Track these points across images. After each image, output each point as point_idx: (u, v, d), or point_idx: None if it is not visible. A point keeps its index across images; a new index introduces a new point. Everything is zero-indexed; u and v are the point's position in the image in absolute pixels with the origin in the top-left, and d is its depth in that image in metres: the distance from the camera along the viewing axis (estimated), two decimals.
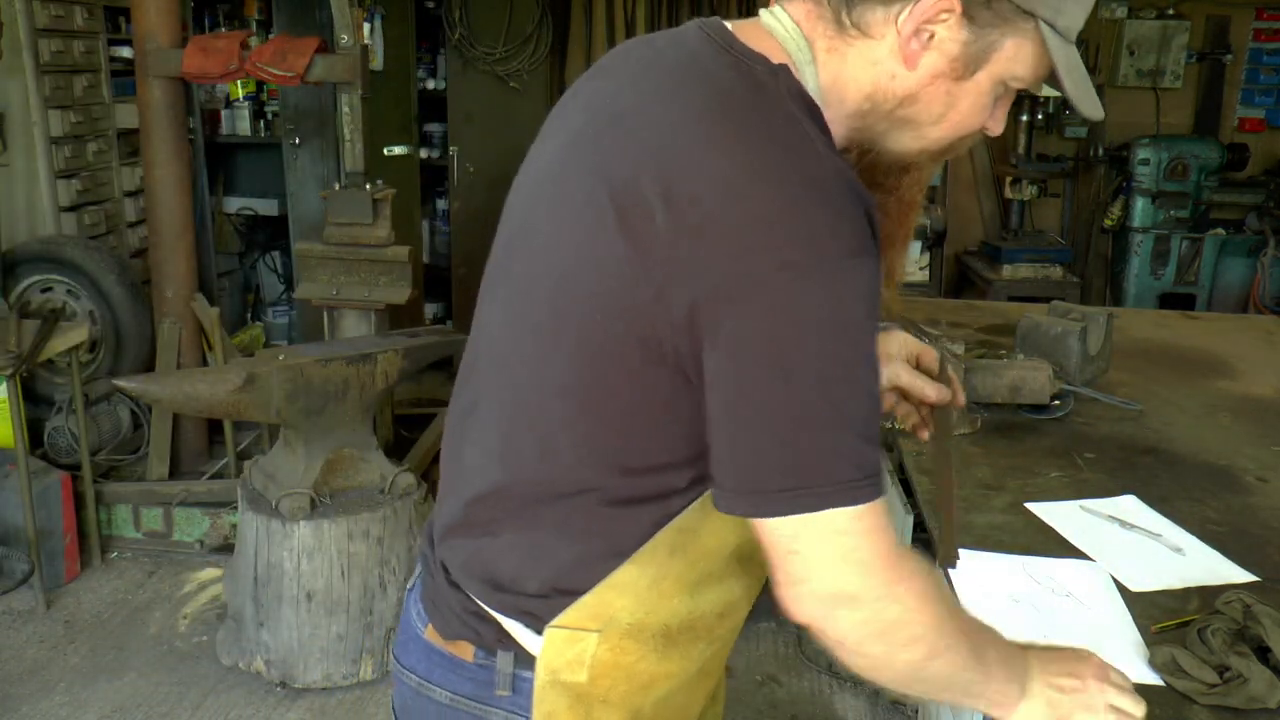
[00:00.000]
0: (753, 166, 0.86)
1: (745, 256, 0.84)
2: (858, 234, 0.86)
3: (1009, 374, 2.12)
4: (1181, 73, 5.10)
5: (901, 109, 0.96)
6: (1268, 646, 1.25)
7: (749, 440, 0.87)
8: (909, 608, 0.91)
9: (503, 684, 1.03)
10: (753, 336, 0.85)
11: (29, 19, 3.84)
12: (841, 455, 0.87)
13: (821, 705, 2.87)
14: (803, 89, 0.92)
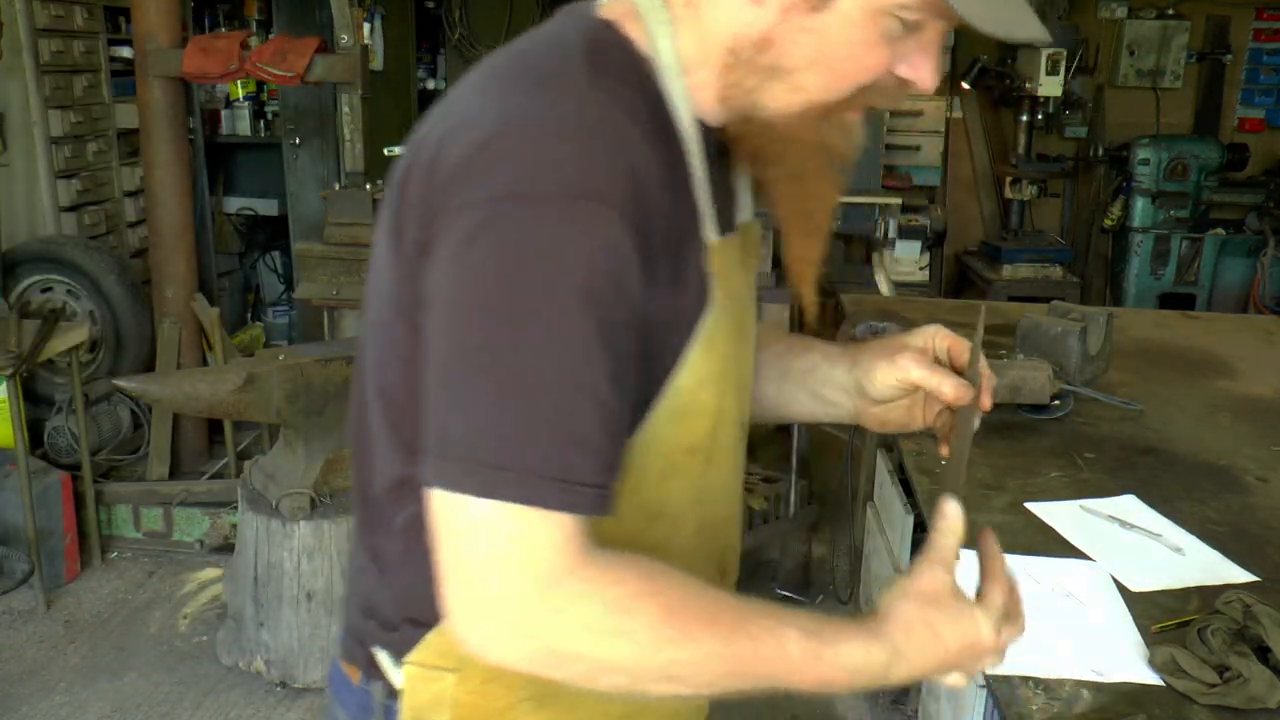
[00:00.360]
0: (498, 105, 0.78)
1: (457, 188, 0.76)
2: (608, 184, 0.75)
3: (1009, 374, 2.12)
4: (1181, 73, 5.11)
5: (762, 55, 0.82)
6: (1268, 646, 1.25)
7: (438, 395, 0.76)
8: (579, 641, 0.75)
9: (378, 713, 0.94)
10: (459, 273, 0.75)
11: (29, 19, 3.84)
12: (532, 441, 0.73)
13: (821, 705, 2.86)
14: (629, 45, 0.85)
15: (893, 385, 1.02)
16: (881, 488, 2.90)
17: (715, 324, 0.87)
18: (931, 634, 0.83)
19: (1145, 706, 1.22)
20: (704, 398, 0.88)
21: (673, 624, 0.76)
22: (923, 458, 1.94)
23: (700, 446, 0.90)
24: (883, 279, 4.55)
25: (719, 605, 0.79)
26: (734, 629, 0.77)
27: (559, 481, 0.74)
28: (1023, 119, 4.91)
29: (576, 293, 0.74)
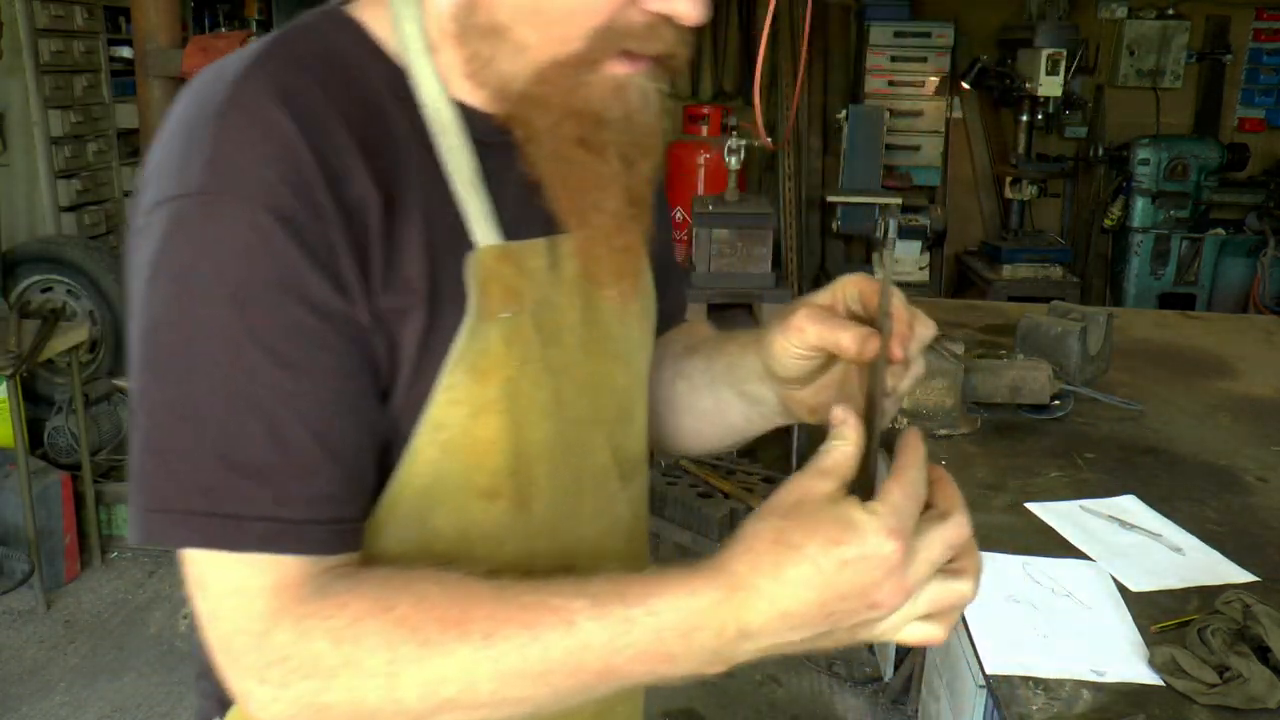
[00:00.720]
0: (179, 105, 0.72)
1: (138, 203, 0.71)
2: (244, 171, 0.66)
3: (1009, 374, 2.12)
4: (1181, 73, 5.11)
5: (474, 16, 0.73)
6: (1268, 646, 1.25)
7: (130, 439, 0.69)
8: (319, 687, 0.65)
9: None
10: (131, 294, 0.70)
11: (29, 19, 3.84)
12: (183, 475, 0.66)
13: (821, 705, 2.87)
14: (352, 29, 0.76)
15: (795, 357, 0.80)
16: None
17: (486, 341, 0.74)
18: (789, 550, 0.61)
19: (1145, 706, 1.22)
20: (485, 431, 0.75)
21: (410, 639, 0.63)
22: None
23: (500, 489, 0.76)
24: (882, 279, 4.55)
25: (473, 601, 0.65)
26: (496, 621, 0.63)
27: (216, 517, 0.65)
28: (1023, 119, 4.91)
29: (226, 302, 0.65)
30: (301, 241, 0.67)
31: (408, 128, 0.74)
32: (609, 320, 0.86)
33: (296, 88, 0.70)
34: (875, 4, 5.01)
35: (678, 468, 3.37)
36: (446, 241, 0.74)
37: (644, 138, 0.78)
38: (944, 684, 2.07)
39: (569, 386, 0.81)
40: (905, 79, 5.02)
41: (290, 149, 0.67)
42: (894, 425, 0.65)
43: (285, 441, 0.66)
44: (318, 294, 0.67)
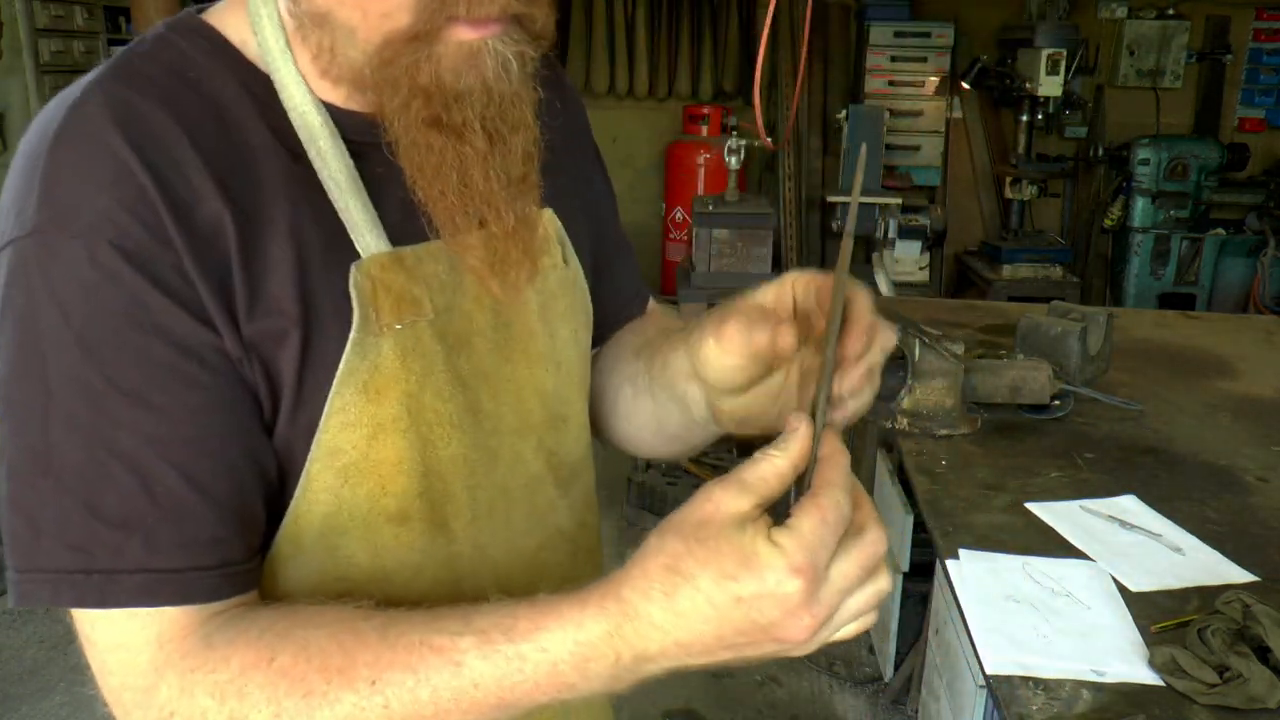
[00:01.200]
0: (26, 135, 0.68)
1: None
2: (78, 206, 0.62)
3: (1009, 374, 2.12)
4: (1181, 73, 5.11)
5: (297, 7, 0.69)
6: (1268, 646, 1.25)
7: None
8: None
9: None
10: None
11: (29, 19, 3.84)
12: (50, 533, 0.62)
13: (821, 705, 2.87)
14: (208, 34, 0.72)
15: (727, 366, 0.72)
16: (881, 488, 2.90)
17: (379, 356, 0.70)
18: (681, 580, 0.56)
19: (1145, 706, 1.22)
20: (386, 452, 0.71)
21: (294, 691, 0.61)
22: (923, 458, 1.94)
23: (410, 512, 0.73)
24: (883, 279, 4.55)
25: (358, 643, 0.62)
26: (380, 666, 0.61)
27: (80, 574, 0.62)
28: (1023, 119, 4.91)
29: (73, 346, 0.62)
30: (150, 273, 0.63)
31: (269, 138, 0.69)
32: (530, 320, 0.81)
33: (135, 108, 0.65)
34: (875, 4, 5.01)
35: (678, 468, 3.37)
36: (323, 255, 0.69)
37: (509, 109, 0.70)
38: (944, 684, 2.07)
39: (486, 395, 0.77)
40: (905, 79, 5.03)
41: (128, 175, 0.63)
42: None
43: (154, 488, 0.63)
44: (175, 327, 0.63)
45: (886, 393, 2.12)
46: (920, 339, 2.06)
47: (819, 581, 0.56)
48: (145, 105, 0.66)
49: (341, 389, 0.69)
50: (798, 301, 0.74)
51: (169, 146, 0.65)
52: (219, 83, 0.70)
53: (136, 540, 0.63)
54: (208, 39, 0.71)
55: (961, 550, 1.57)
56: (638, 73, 5.40)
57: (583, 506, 0.89)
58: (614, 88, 5.43)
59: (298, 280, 0.68)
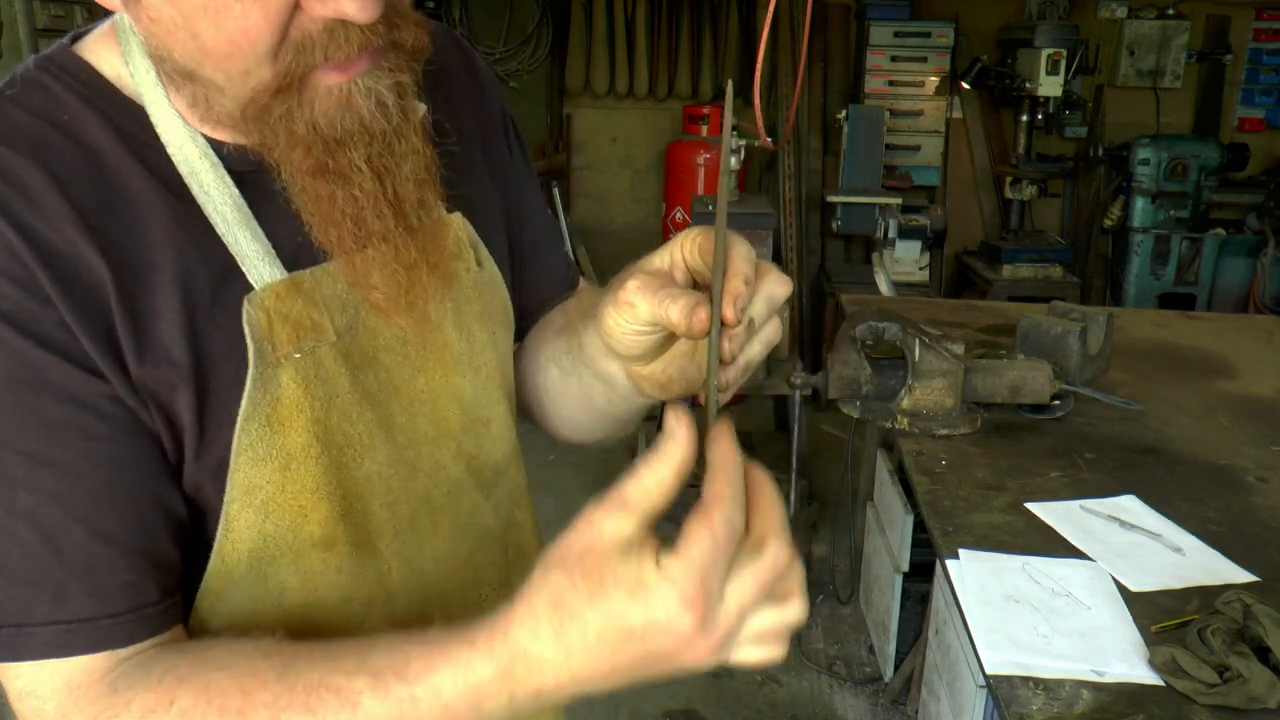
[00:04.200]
0: None
1: None
2: None
3: (1009, 374, 2.12)
4: (1181, 73, 5.11)
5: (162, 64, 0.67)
6: (1268, 646, 1.25)
7: None
8: None
9: None
10: None
11: (29, 19, 3.84)
12: None
13: (821, 705, 2.87)
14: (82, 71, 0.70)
15: (630, 334, 0.71)
16: (881, 488, 2.90)
17: (280, 388, 0.70)
18: (569, 618, 0.55)
19: (1145, 706, 1.22)
20: (301, 482, 0.71)
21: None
22: (923, 458, 1.94)
23: (335, 537, 0.73)
24: (883, 279, 4.55)
25: (258, 685, 0.62)
26: (278, 708, 0.61)
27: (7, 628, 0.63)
28: (1023, 119, 4.90)
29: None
30: (32, 333, 0.63)
31: (149, 180, 0.68)
32: (445, 329, 0.80)
33: (3, 163, 0.65)
34: (875, 4, 5.01)
35: None
36: (214, 296, 0.68)
37: (394, 142, 0.70)
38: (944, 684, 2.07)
39: (399, 409, 0.77)
40: (905, 79, 5.02)
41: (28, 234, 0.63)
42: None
43: (59, 543, 0.64)
44: (64, 383, 0.63)
45: (886, 393, 2.12)
46: (920, 339, 2.06)
47: (712, 606, 0.54)
48: (13, 160, 0.65)
49: (247, 426, 0.69)
50: (688, 262, 0.71)
51: (40, 201, 0.64)
52: (92, 127, 0.68)
53: (45, 595, 0.63)
54: (79, 77, 0.70)
55: (961, 550, 1.57)
56: (638, 73, 5.39)
57: (510, 505, 0.89)
58: (614, 88, 5.43)
59: (185, 327, 0.67)
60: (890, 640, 2.73)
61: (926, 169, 5.10)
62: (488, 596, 0.84)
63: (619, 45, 5.39)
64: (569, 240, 5.18)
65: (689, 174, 5.19)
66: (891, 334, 2.09)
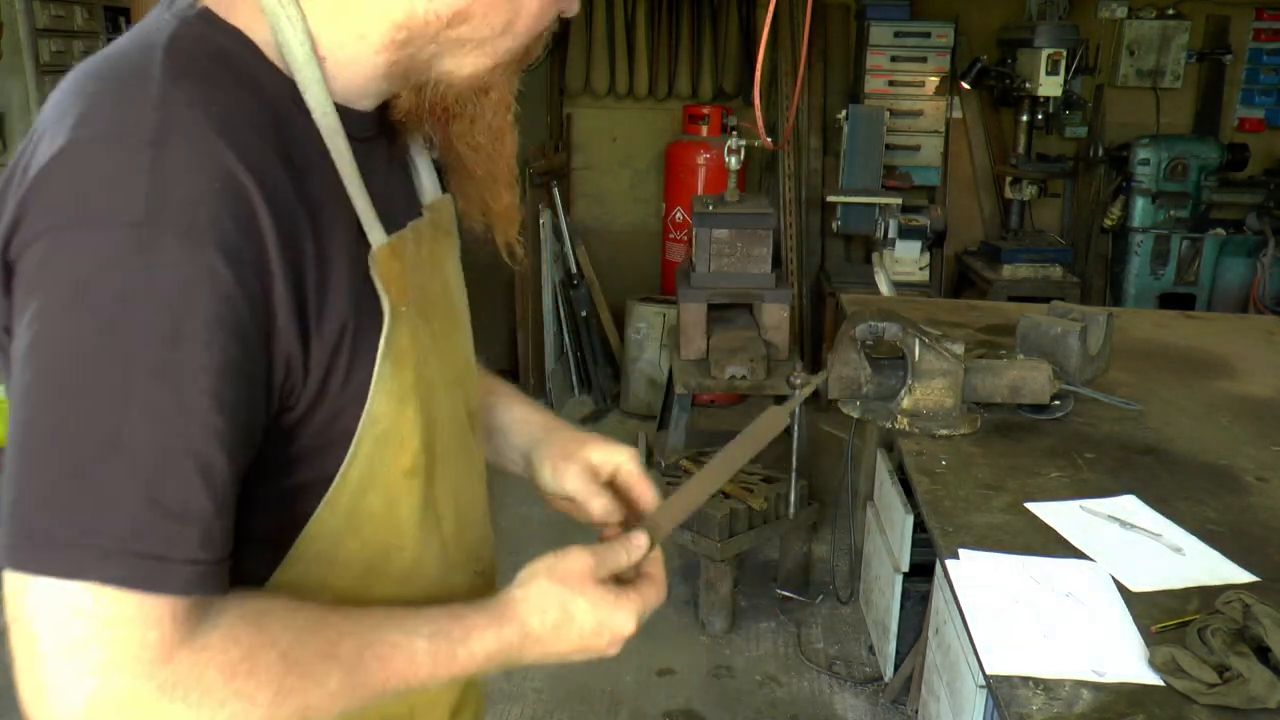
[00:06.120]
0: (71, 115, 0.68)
1: (29, 213, 0.66)
2: (189, 207, 0.65)
3: (1009, 374, 2.12)
4: (1181, 73, 5.10)
5: (452, 30, 0.79)
6: (1268, 646, 1.25)
7: (10, 453, 0.65)
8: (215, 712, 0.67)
9: None
10: (32, 311, 0.66)
11: (29, 19, 3.84)
12: (118, 515, 0.64)
13: (821, 705, 2.87)
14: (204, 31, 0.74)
15: (554, 490, 1.06)
16: (881, 488, 2.90)
17: (399, 335, 0.79)
18: (567, 619, 0.85)
19: (1145, 706, 1.22)
20: (409, 415, 0.82)
21: (292, 672, 0.70)
22: (923, 458, 1.94)
23: (418, 466, 0.85)
24: (883, 279, 4.55)
25: (339, 635, 0.74)
26: (358, 656, 0.74)
27: (142, 558, 0.64)
28: (1023, 119, 4.90)
29: (167, 341, 0.64)
30: (243, 276, 0.67)
31: (309, 139, 0.76)
32: (455, 289, 0.98)
33: (225, 109, 0.69)
34: (875, 4, 5.01)
35: (677, 467, 3.37)
36: (355, 249, 0.77)
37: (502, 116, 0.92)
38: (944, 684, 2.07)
39: (439, 361, 0.90)
40: (905, 79, 5.02)
41: (235, 182, 0.67)
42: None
43: (214, 483, 0.67)
44: (253, 331, 0.68)
45: (887, 393, 2.12)
46: (920, 339, 2.06)
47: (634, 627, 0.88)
48: (230, 104, 0.70)
49: (382, 365, 0.78)
50: (616, 479, 1.05)
51: (260, 151, 0.70)
52: (264, 80, 0.75)
53: (192, 532, 0.66)
54: (238, 37, 0.75)
55: (961, 550, 1.57)
56: (638, 73, 5.39)
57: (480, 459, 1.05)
58: (614, 88, 5.42)
59: (349, 271, 0.76)
60: (890, 640, 2.73)
61: (926, 169, 5.10)
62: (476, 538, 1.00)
63: (619, 45, 5.38)
64: (569, 240, 5.18)
65: (689, 174, 5.18)
66: (891, 334, 2.09)
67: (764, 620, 3.27)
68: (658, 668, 3.00)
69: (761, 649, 3.13)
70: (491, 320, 5.28)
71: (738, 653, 3.10)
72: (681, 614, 3.28)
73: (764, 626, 3.24)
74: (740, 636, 3.18)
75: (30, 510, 0.64)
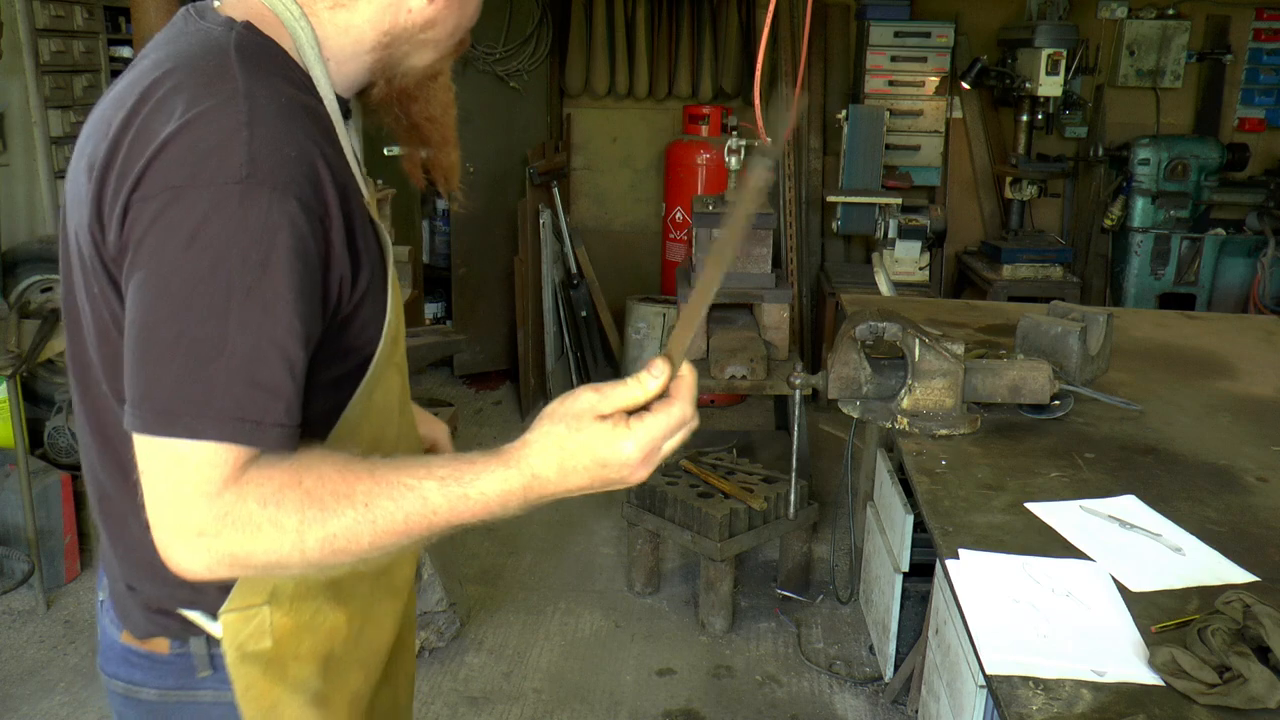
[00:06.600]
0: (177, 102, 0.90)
1: (150, 178, 0.88)
2: (285, 175, 0.89)
3: (1009, 374, 2.12)
4: (1181, 73, 5.10)
5: (423, 34, 1.06)
6: (1268, 646, 1.25)
7: (139, 354, 0.88)
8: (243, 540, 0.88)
9: (202, 665, 1.08)
10: (150, 251, 0.88)
11: (29, 19, 3.84)
12: (222, 388, 0.87)
13: (821, 705, 2.87)
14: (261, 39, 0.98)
15: None
16: (881, 488, 2.90)
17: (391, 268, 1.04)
18: (568, 455, 0.91)
19: (1145, 706, 1.22)
20: (398, 322, 1.07)
21: (313, 505, 0.88)
22: (923, 458, 1.94)
23: (399, 360, 1.12)
24: (883, 279, 4.55)
25: (356, 478, 0.90)
26: (372, 495, 0.89)
27: (242, 422, 0.88)
28: (1023, 119, 4.90)
29: (261, 266, 0.87)
30: (312, 221, 0.91)
31: (325, 116, 0.99)
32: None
33: (288, 97, 0.94)
34: (875, 4, 5.00)
35: (677, 467, 3.37)
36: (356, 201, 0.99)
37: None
38: (944, 684, 2.07)
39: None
40: (905, 79, 5.02)
41: (305, 151, 0.92)
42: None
43: (294, 369, 0.91)
44: (316, 261, 0.92)
45: (886, 392, 2.12)
46: (920, 339, 2.06)
47: (655, 452, 0.92)
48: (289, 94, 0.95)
49: (393, 286, 1.05)
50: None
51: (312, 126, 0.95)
52: (295, 74, 0.99)
53: (280, 405, 0.90)
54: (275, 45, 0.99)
55: (961, 550, 1.57)
56: (638, 73, 5.39)
57: None
58: (614, 88, 5.42)
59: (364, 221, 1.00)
60: (890, 640, 2.73)
61: (926, 169, 5.10)
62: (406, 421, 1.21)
63: (619, 45, 5.38)
64: (569, 240, 5.18)
65: (689, 174, 5.18)
66: (891, 334, 2.09)
67: (764, 620, 3.27)
68: (658, 668, 3.00)
69: (761, 649, 3.13)
70: (491, 320, 5.28)
71: (738, 653, 3.10)
72: (681, 614, 3.28)
73: (764, 626, 3.24)
74: (740, 636, 3.18)
75: (160, 392, 0.87)
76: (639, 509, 3.30)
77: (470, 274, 5.17)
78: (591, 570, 3.55)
